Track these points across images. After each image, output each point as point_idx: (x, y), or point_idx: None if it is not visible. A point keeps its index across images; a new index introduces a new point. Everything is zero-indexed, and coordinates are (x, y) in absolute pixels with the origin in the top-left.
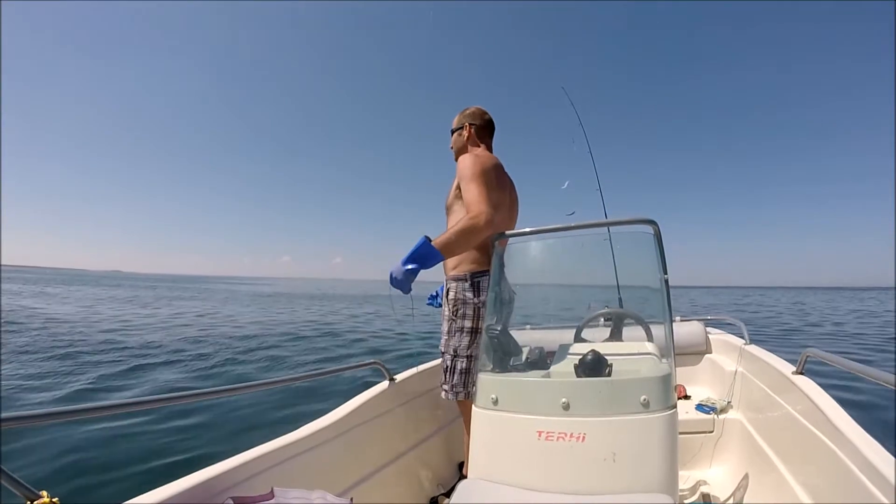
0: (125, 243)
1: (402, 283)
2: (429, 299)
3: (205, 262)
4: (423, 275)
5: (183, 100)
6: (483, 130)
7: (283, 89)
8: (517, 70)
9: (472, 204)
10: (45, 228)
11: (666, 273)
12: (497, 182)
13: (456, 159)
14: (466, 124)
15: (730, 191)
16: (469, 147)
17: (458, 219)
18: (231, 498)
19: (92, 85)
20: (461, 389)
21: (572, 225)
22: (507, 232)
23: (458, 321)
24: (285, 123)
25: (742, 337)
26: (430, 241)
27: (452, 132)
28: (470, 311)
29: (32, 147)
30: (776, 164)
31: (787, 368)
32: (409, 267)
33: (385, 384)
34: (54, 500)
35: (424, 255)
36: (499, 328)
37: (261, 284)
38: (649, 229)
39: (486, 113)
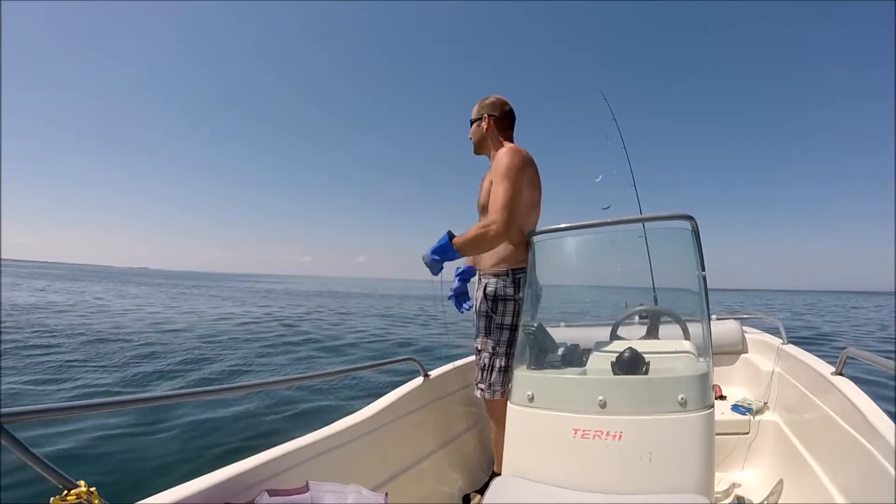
0: (156, 241)
1: (430, 267)
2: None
3: (235, 259)
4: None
5: (215, 97)
6: (503, 121)
7: (297, 83)
8: (551, 63)
9: (492, 209)
10: (77, 224)
11: (704, 270)
12: (530, 182)
13: (475, 151)
14: (485, 115)
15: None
16: (490, 139)
17: None
18: (266, 490)
19: (120, 79)
20: (499, 388)
21: (608, 220)
22: (544, 228)
23: (498, 318)
24: (304, 118)
25: (779, 336)
26: (452, 237)
27: (471, 123)
28: (511, 308)
29: (61, 143)
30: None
31: (826, 369)
32: (432, 258)
33: (420, 380)
34: (91, 489)
35: (444, 251)
36: (535, 325)
37: (273, 282)
38: (686, 225)
39: (507, 103)
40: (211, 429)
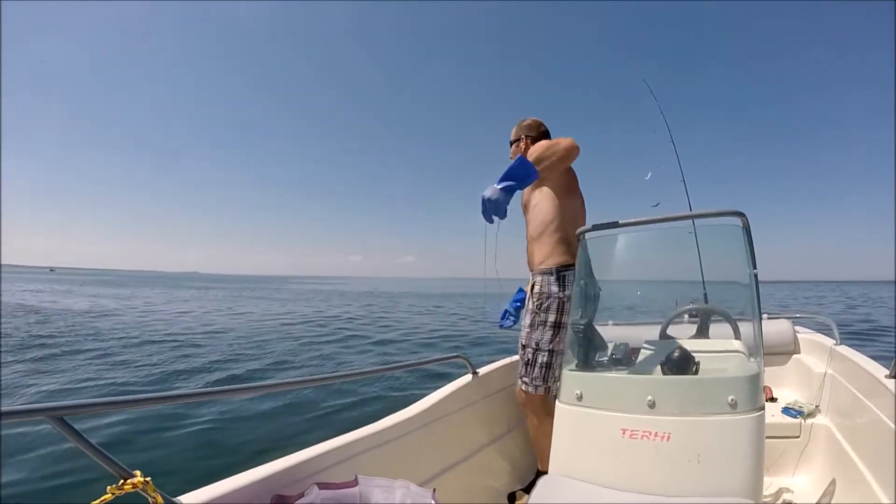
0: (207, 245)
1: (497, 204)
2: (502, 318)
3: (286, 262)
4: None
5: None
6: (539, 141)
7: (343, 83)
8: (596, 58)
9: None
10: (127, 229)
11: (755, 267)
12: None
13: None
14: (523, 136)
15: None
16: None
17: (537, 213)
18: (316, 484)
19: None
20: (540, 384)
21: (657, 218)
22: (593, 225)
23: (542, 315)
24: (355, 120)
25: (832, 336)
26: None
27: (511, 144)
28: (554, 305)
29: (111, 145)
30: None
31: (880, 371)
32: (506, 184)
33: (468, 377)
34: (147, 478)
35: (519, 174)
36: (584, 323)
37: (323, 283)
38: (737, 221)
39: (543, 124)
40: (256, 424)
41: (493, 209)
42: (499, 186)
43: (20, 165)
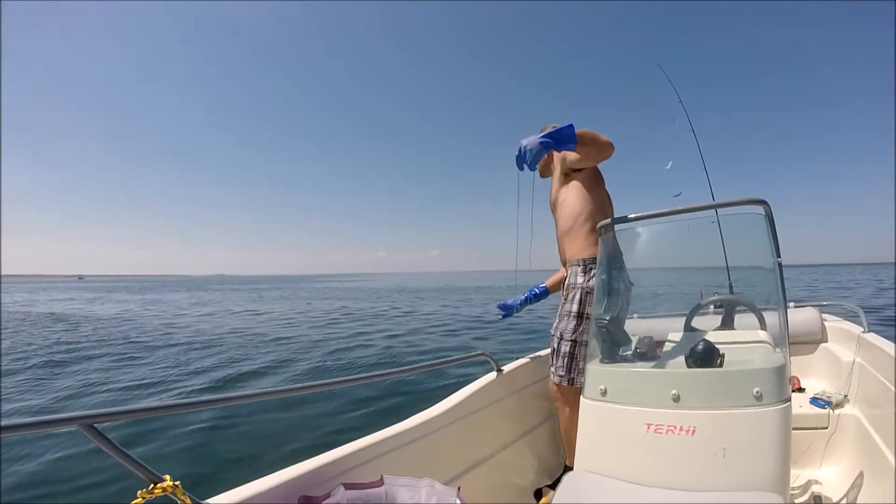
0: (233, 248)
1: (531, 153)
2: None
3: (309, 261)
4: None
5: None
6: None
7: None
8: (619, 45)
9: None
10: (167, 236)
11: (779, 256)
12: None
13: (541, 175)
14: None
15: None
16: (551, 164)
17: (565, 208)
18: (342, 484)
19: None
20: (564, 373)
21: (679, 209)
22: (615, 218)
23: (567, 305)
24: (380, 112)
25: (860, 324)
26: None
27: None
28: (577, 296)
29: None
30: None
31: None
32: (544, 140)
33: (493, 375)
34: (176, 482)
35: (560, 137)
36: (608, 317)
37: (348, 280)
38: (760, 210)
39: None
40: (282, 427)
41: (527, 158)
42: (538, 138)
43: (47, 171)
